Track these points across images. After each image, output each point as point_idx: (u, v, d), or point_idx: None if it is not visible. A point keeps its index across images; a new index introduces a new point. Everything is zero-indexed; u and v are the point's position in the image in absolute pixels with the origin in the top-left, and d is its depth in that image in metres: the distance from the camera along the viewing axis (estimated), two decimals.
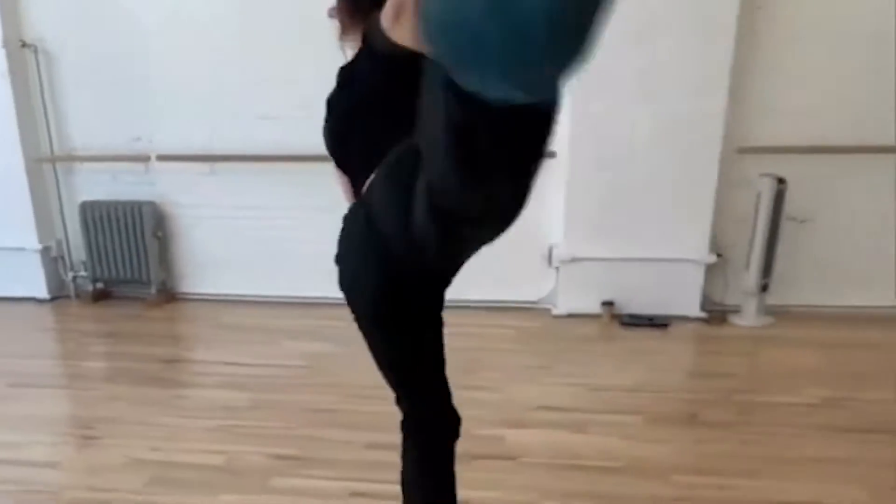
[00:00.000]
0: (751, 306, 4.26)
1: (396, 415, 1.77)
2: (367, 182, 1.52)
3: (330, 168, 1.78)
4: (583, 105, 4.06)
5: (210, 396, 3.47)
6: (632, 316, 4.30)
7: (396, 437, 1.79)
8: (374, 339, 1.66)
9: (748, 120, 4.21)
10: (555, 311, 4.45)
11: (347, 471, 2.67)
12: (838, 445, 2.78)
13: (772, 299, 4.29)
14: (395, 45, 1.16)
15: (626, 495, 2.45)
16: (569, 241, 4.31)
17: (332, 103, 1.70)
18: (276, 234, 4.83)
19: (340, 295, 1.62)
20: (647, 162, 4.19)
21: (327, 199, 4.60)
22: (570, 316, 4.36)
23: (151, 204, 4.90)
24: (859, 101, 4.08)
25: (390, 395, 1.75)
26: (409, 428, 1.77)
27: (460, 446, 1.79)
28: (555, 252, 4.42)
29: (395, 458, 1.82)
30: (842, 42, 4.03)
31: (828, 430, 2.91)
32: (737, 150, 4.21)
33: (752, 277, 4.21)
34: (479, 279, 4.62)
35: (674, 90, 4.05)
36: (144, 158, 4.88)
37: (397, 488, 1.84)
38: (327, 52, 4.05)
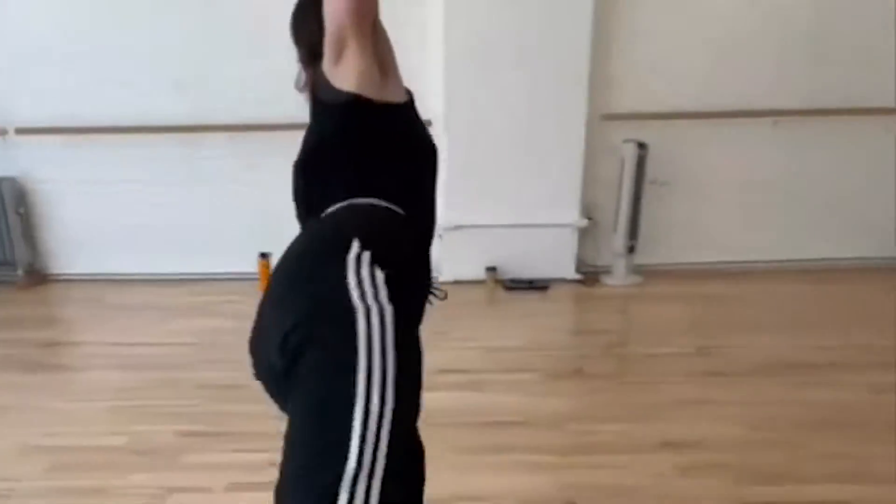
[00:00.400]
0: (620, 267, 4.61)
1: None
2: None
3: (210, 140, 1.80)
4: (455, 74, 4.24)
5: (100, 378, 3.37)
6: (513, 280, 4.54)
7: None
8: None
9: (611, 88, 4.49)
10: (441, 279, 4.62)
11: (263, 442, 2.67)
12: (713, 389, 3.07)
13: (639, 259, 4.64)
14: (337, 91, 1.31)
15: (529, 445, 2.65)
16: (450, 209, 4.45)
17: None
18: (156, 209, 4.70)
19: (228, 269, 1.67)
20: (519, 129, 4.39)
21: (207, 172, 4.61)
22: (457, 282, 4.53)
23: (11, 180, 4.63)
24: (711, 70, 4.44)
25: None
26: None
27: None
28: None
29: None
30: (697, 14, 4.37)
31: (703, 375, 3.22)
32: (601, 118, 4.48)
33: (619, 239, 4.55)
34: None
35: (540, 59, 4.24)
36: (1, 132, 4.58)
37: None
38: (195, 22, 3.92)
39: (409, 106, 1.50)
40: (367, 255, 1.19)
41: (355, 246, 1.20)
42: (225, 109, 4.48)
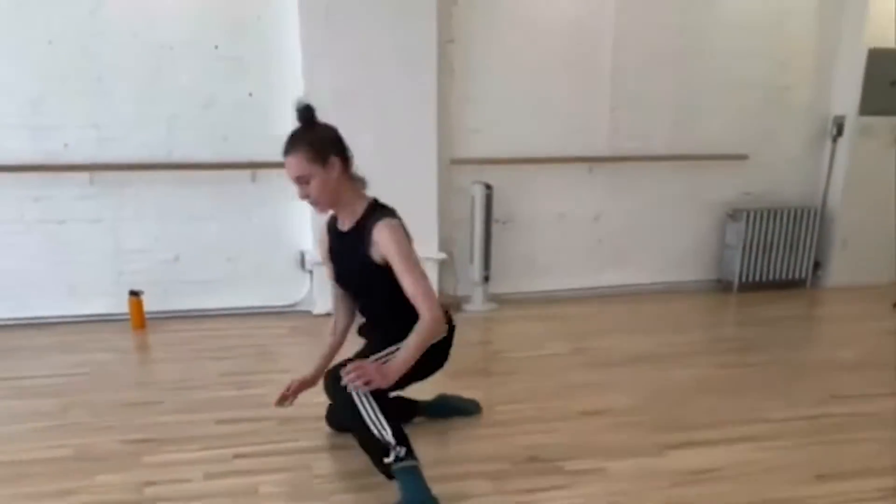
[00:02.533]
0: (478, 295, 5.08)
1: (222, 399, 3.10)
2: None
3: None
4: None
5: (12, 406, 3.21)
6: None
7: (241, 413, 2.97)
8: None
9: (457, 137, 5.07)
10: (315, 311, 4.76)
11: (213, 441, 2.76)
12: (595, 374, 3.68)
13: (493, 289, 5.18)
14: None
15: (453, 427, 2.99)
16: (318, 246, 4.64)
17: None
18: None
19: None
20: (376, 173, 4.75)
21: (53, 211, 4.42)
22: (329, 315, 4.68)
23: None
24: (533, 121, 5.16)
25: (202, 384, 3.04)
26: None
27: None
28: (307, 256, 4.77)
29: (251, 428, 2.78)
30: (518, 71, 5.10)
31: (582, 366, 3.82)
32: (450, 162, 5.02)
33: (476, 270, 5.04)
34: (239, 288, 4.81)
35: (392, 113, 4.70)
36: None
37: (273, 447, 2.72)
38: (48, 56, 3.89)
39: None
40: None
41: None
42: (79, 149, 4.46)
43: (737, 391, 3.42)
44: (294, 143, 2.42)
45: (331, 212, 2.64)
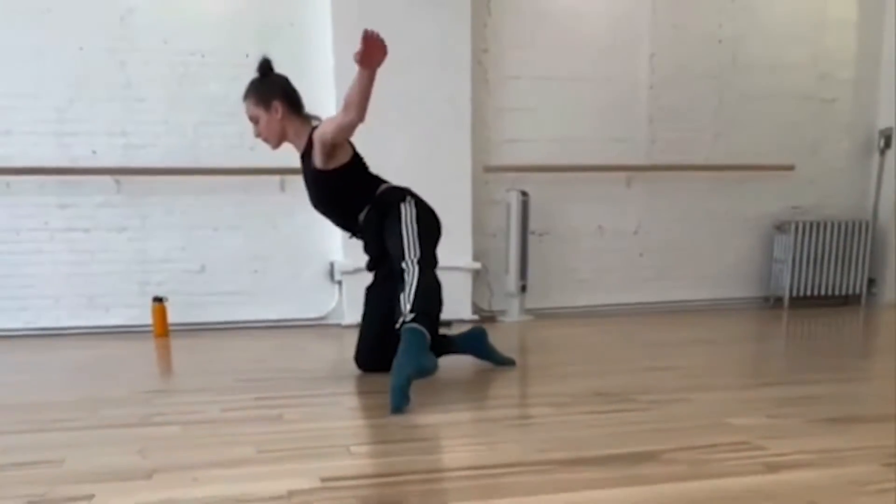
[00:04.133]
0: (514, 307, 4.84)
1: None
2: None
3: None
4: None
5: None
6: None
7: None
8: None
9: (493, 147, 4.93)
10: (344, 323, 4.56)
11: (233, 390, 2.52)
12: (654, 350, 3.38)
13: (528, 304, 4.93)
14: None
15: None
16: (349, 255, 4.49)
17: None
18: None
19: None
20: (409, 181, 4.61)
21: (78, 219, 4.33)
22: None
23: None
24: (568, 132, 5.01)
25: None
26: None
27: None
28: (336, 265, 4.59)
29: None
30: (553, 82, 4.99)
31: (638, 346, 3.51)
32: (483, 170, 4.87)
33: (512, 280, 4.82)
34: (266, 299, 4.64)
35: (425, 121, 4.59)
36: None
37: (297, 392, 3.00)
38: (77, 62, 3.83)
39: (354, 147, 2.92)
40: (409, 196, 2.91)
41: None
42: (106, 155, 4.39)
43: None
44: (247, 89, 2.91)
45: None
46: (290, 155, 3.11)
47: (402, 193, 2.92)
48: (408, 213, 2.82)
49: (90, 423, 2.18)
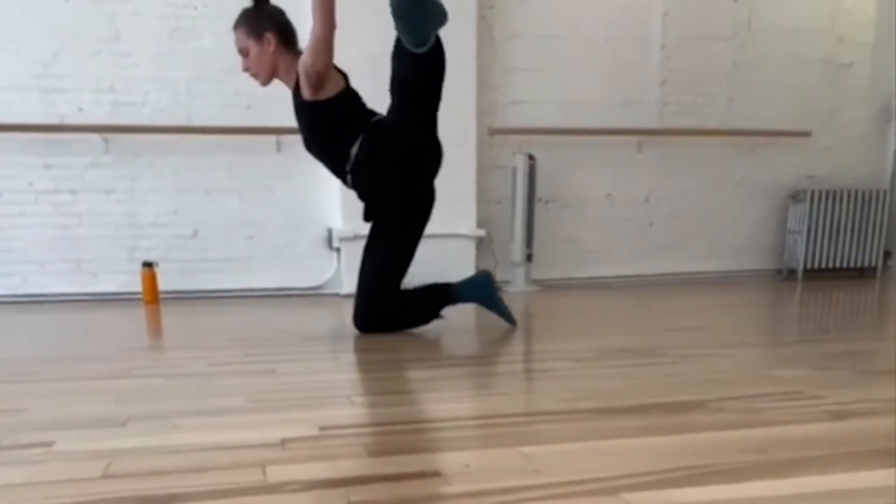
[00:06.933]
0: (520, 276, 4.63)
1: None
2: None
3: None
4: None
5: None
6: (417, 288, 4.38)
7: None
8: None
9: (498, 108, 4.71)
10: (343, 292, 4.35)
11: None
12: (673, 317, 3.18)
13: (534, 275, 4.72)
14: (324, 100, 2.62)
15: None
16: (348, 221, 4.29)
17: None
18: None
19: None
20: None
21: (65, 180, 4.12)
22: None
23: None
24: (577, 94, 4.80)
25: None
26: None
27: None
28: (334, 232, 4.38)
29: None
30: (561, 41, 4.76)
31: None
32: (489, 132, 4.64)
33: (518, 247, 4.61)
34: (261, 267, 4.43)
35: None
36: None
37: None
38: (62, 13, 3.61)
39: (348, 80, 2.76)
40: None
41: None
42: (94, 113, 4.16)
43: None
44: (238, 19, 2.73)
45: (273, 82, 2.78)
46: (286, 114, 2.89)
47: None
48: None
49: (65, 376, 1.97)
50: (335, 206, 4.36)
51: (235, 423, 1.42)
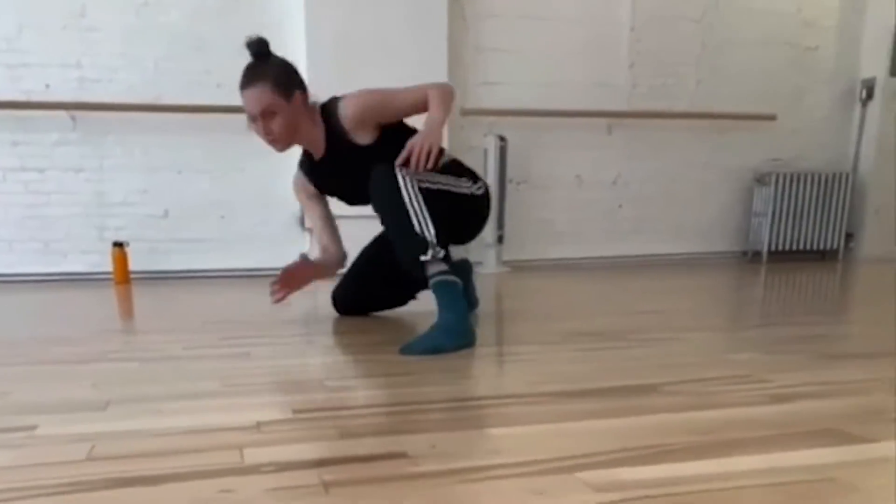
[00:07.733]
0: (491, 257, 4.71)
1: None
2: None
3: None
4: (318, 74, 4.22)
5: None
6: None
7: None
8: None
9: (470, 90, 4.76)
10: None
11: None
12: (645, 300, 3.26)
13: (505, 256, 4.80)
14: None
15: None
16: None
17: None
18: None
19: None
20: None
21: (32, 158, 4.10)
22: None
23: None
24: (548, 75, 4.87)
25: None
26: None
27: None
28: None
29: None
30: (532, 22, 4.82)
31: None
32: (461, 113, 4.68)
33: (488, 229, 4.65)
34: (233, 247, 4.45)
35: (401, 59, 4.34)
36: None
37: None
38: None
39: None
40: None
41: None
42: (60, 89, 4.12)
43: None
44: (256, 74, 2.26)
45: (286, 152, 2.48)
46: None
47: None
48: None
49: (39, 359, 2.00)
50: None
51: (212, 406, 1.47)
